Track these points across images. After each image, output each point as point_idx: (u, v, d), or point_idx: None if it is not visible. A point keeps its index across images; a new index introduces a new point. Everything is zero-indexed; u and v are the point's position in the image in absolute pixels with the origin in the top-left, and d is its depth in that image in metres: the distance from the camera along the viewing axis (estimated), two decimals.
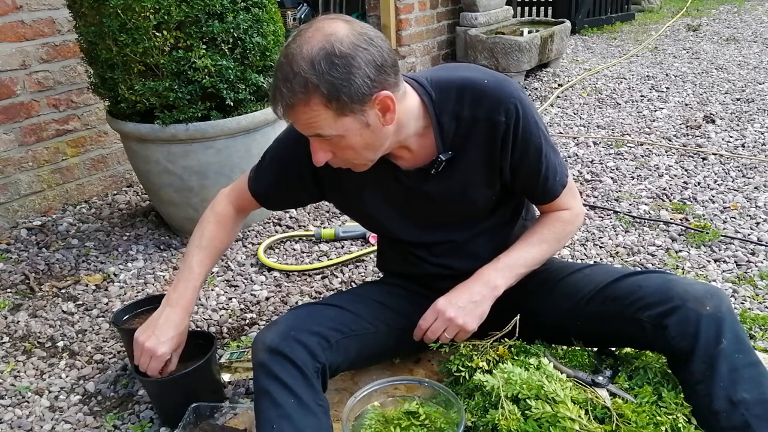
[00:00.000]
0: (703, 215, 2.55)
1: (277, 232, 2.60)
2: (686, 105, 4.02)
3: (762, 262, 2.18)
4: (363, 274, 2.27)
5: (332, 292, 2.15)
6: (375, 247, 2.37)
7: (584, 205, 2.69)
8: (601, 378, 1.31)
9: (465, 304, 1.33)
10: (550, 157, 1.34)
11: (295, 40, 1.12)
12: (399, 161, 1.34)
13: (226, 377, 1.72)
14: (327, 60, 1.08)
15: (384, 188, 1.38)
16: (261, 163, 1.50)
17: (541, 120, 1.32)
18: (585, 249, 2.34)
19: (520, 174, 1.34)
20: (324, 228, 2.55)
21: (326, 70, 1.08)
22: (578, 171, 3.07)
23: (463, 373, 1.38)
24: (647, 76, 4.74)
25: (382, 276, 1.69)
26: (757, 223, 2.46)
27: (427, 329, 1.37)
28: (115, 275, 2.31)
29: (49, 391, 1.75)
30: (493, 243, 1.45)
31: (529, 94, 4.42)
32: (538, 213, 1.51)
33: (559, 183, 1.38)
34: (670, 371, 1.33)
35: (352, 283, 2.21)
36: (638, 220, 2.55)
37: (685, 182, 2.88)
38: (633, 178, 2.97)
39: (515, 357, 1.39)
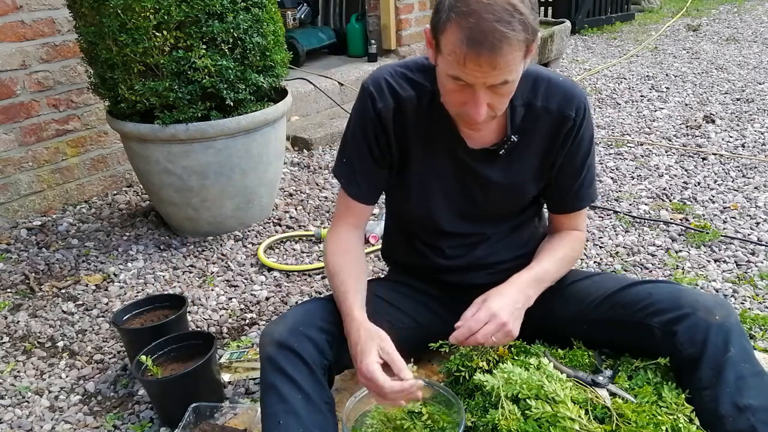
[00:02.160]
0: (703, 215, 2.55)
1: (277, 232, 2.60)
2: (686, 105, 4.02)
3: (762, 262, 2.18)
4: None
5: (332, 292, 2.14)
6: (375, 247, 2.37)
7: None
8: (601, 378, 1.31)
9: (513, 310, 1.27)
10: (591, 168, 1.39)
11: None
12: (466, 138, 1.32)
13: (226, 377, 1.72)
14: None
15: (441, 163, 1.36)
16: (347, 169, 1.40)
17: (594, 135, 1.37)
18: (585, 249, 2.34)
19: (563, 173, 1.37)
20: (324, 228, 2.55)
21: (531, 7, 1.07)
22: None
23: (463, 373, 1.38)
24: (647, 76, 4.74)
25: (386, 273, 1.69)
26: (757, 223, 2.46)
27: (477, 331, 1.23)
28: (115, 275, 2.31)
29: (49, 391, 1.75)
30: (507, 241, 1.47)
31: None
32: (547, 222, 1.54)
33: (589, 196, 1.42)
34: (671, 373, 1.34)
35: None
36: (638, 220, 2.55)
37: (685, 182, 2.88)
38: (633, 178, 2.97)
39: (515, 357, 1.39)
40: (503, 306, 1.25)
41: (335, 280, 1.36)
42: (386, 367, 1.19)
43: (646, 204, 2.69)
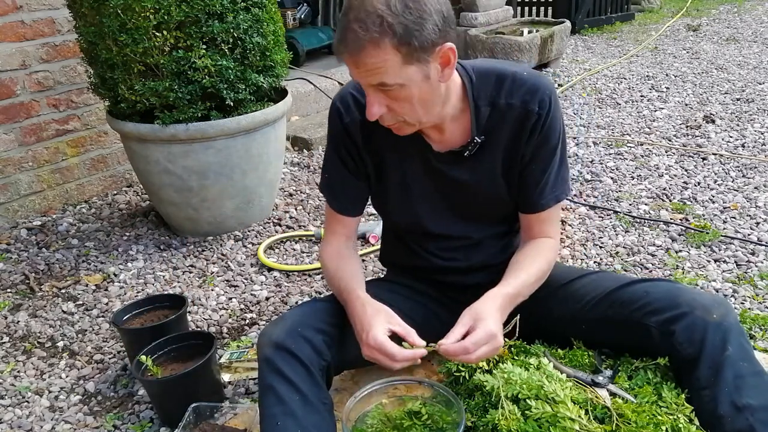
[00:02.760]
0: (703, 215, 2.55)
1: (277, 232, 2.60)
2: (686, 105, 4.02)
3: (762, 262, 2.18)
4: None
5: (332, 292, 2.14)
6: (375, 247, 2.37)
7: (584, 205, 2.69)
8: (601, 378, 1.32)
9: (500, 330, 1.22)
10: (556, 165, 1.34)
11: None
12: (431, 143, 1.34)
13: (226, 377, 1.72)
14: (402, 2, 1.08)
15: (413, 168, 1.38)
16: (327, 184, 1.46)
17: (564, 129, 1.34)
18: (585, 249, 2.34)
19: (530, 167, 1.34)
20: (324, 228, 2.55)
21: (401, 12, 1.07)
22: (578, 171, 3.07)
23: (463, 373, 1.38)
24: (647, 76, 4.74)
25: (385, 274, 1.69)
26: (757, 223, 2.46)
27: (473, 351, 1.16)
28: (115, 275, 2.31)
29: (49, 391, 1.75)
30: (503, 244, 1.47)
31: None
32: None
33: (554, 196, 1.36)
34: (671, 373, 1.34)
35: None
36: (638, 220, 2.55)
37: (685, 182, 2.88)
38: (633, 178, 2.97)
39: (515, 357, 1.39)
40: (498, 327, 1.20)
41: (334, 279, 1.38)
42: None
43: (646, 204, 2.69)
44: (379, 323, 1.21)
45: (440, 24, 1.11)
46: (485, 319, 1.19)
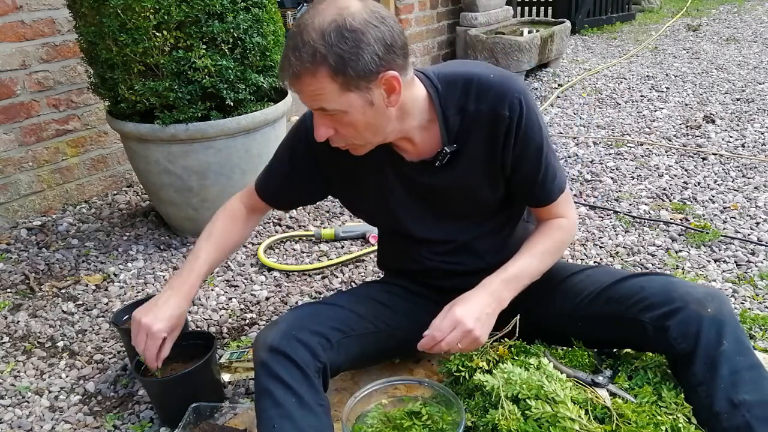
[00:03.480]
0: (703, 215, 2.55)
1: (277, 232, 2.60)
2: (686, 105, 4.02)
3: (762, 262, 2.18)
4: (363, 274, 2.27)
5: (332, 292, 2.15)
6: (375, 247, 2.37)
7: (584, 205, 2.69)
8: (601, 378, 1.32)
9: (480, 316, 1.25)
10: (549, 159, 1.33)
11: (309, 12, 1.12)
12: (403, 153, 1.34)
13: (226, 377, 1.72)
14: (337, 33, 1.08)
15: (388, 179, 1.38)
16: (269, 164, 1.53)
17: (543, 122, 1.32)
18: (585, 249, 2.34)
19: (519, 172, 1.33)
20: (324, 228, 2.55)
21: (335, 42, 1.08)
22: (578, 171, 3.07)
23: (463, 373, 1.38)
24: (647, 76, 4.74)
25: (382, 276, 1.69)
26: (757, 223, 2.46)
27: (441, 339, 1.24)
28: (115, 275, 2.31)
29: (49, 391, 1.75)
30: (495, 243, 1.45)
31: None
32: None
33: (557, 187, 1.36)
34: (670, 372, 1.34)
35: (352, 283, 2.21)
36: (638, 220, 2.55)
37: (685, 182, 2.88)
38: (633, 178, 2.97)
39: (515, 357, 1.39)
40: (469, 313, 1.24)
41: (208, 226, 1.50)
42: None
43: (646, 204, 2.69)
44: (173, 318, 1.37)
45: (381, 53, 1.11)
46: (453, 307, 1.26)
